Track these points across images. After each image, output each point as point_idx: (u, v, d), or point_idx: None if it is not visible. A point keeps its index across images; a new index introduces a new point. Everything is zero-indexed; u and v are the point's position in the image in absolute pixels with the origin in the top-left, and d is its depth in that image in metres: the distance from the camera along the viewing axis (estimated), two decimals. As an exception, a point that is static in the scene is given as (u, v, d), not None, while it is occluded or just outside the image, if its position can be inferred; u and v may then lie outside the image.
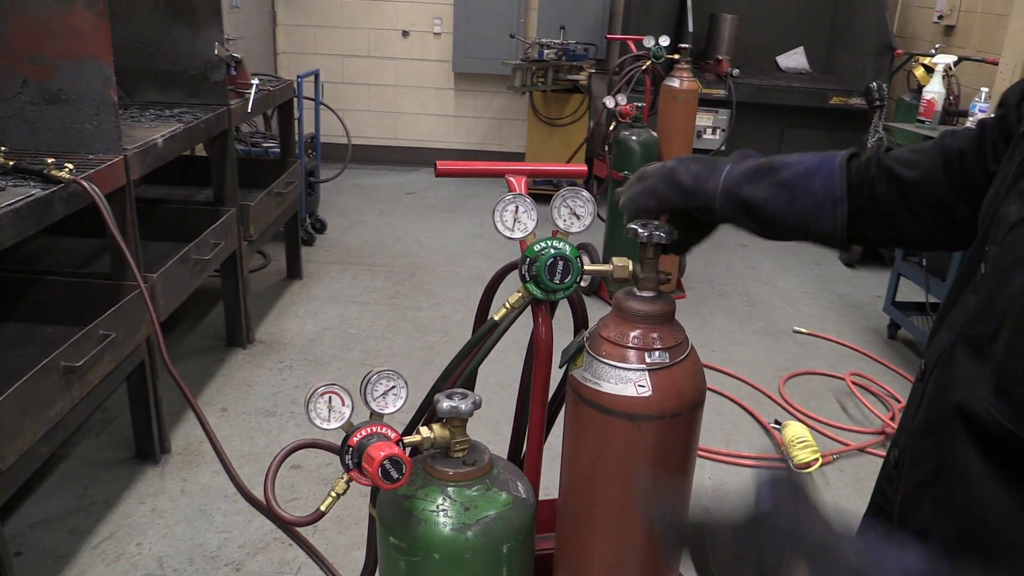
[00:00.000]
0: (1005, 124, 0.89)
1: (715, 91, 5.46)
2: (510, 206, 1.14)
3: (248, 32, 5.76)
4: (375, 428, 1.09)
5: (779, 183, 0.98)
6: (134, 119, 2.96)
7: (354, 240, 5.08)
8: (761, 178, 0.99)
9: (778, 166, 0.99)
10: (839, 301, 4.57)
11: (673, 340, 1.11)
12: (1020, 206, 0.69)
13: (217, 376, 3.35)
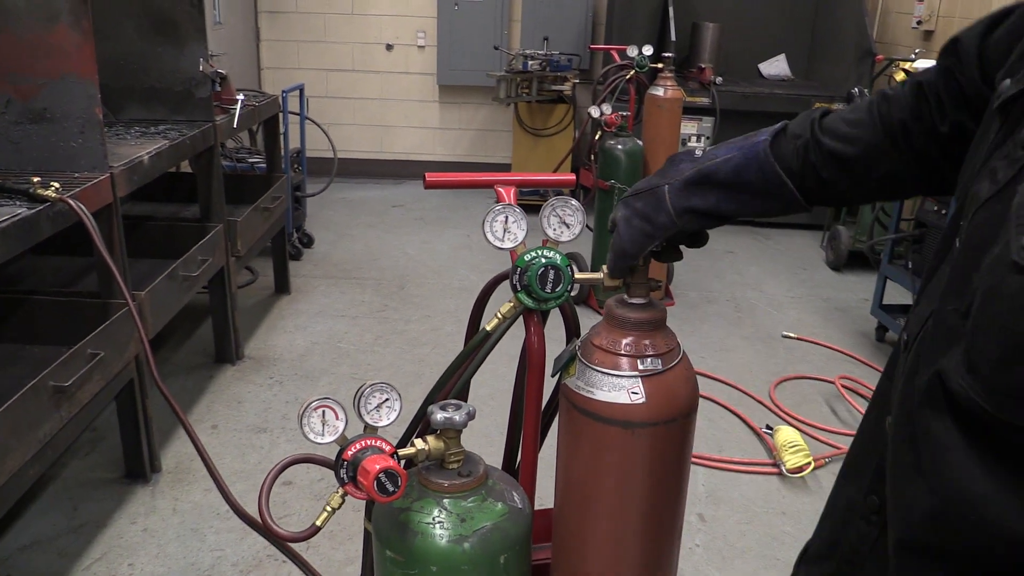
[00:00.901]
0: (953, 77, 0.90)
1: (699, 99, 5.50)
2: (500, 216, 1.14)
3: (232, 48, 5.76)
4: (369, 441, 1.09)
5: (717, 186, 1.01)
6: (119, 136, 2.95)
7: (342, 254, 5.07)
8: (700, 188, 1.01)
9: (709, 171, 1.01)
10: (826, 305, 4.59)
11: (665, 346, 1.12)
12: (990, 184, 0.70)
13: (207, 393, 3.34)
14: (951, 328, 0.68)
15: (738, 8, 6.26)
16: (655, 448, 1.13)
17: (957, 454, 0.65)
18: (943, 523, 0.67)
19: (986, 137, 0.78)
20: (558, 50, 5.92)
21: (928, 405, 0.69)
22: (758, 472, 2.97)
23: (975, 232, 0.70)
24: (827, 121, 0.99)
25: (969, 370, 0.64)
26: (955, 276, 0.72)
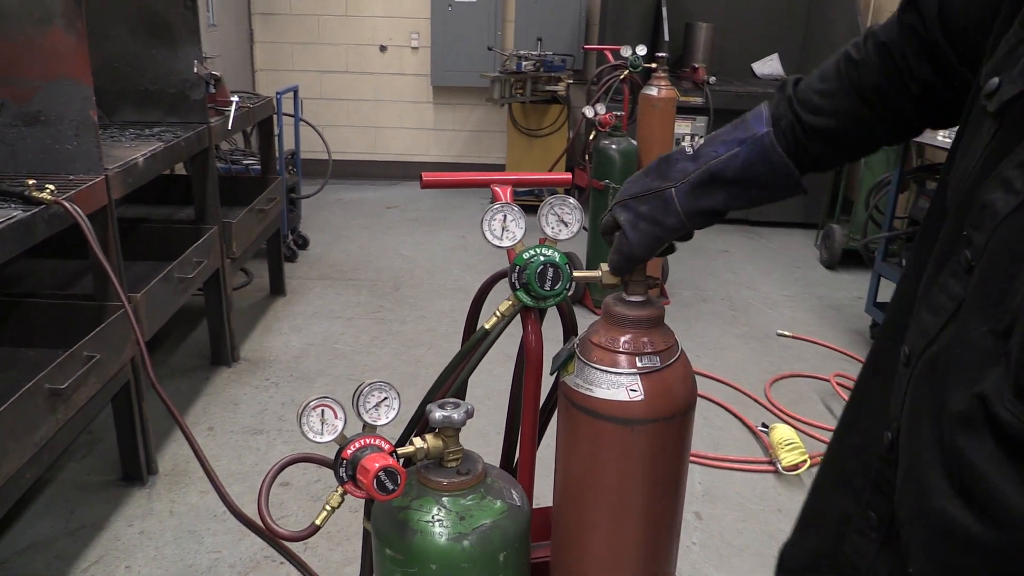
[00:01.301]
0: (916, 34, 0.91)
1: (692, 99, 5.51)
2: (498, 215, 1.15)
3: (226, 50, 5.75)
4: (369, 440, 1.10)
5: (727, 184, 1.02)
6: (114, 139, 2.95)
7: (337, 255, 5.07)
8: (709, 188, 1.02)
9: (716, 170, 1.01)
10: (820, 303, 4.61)
11: (663, 344, 1.12)
12: (1006, 194, 0.68)
13: (202, 395, 3.33)
14: (985, 350, 0.66)
15: (731, 8, 6.28)
16: (654, 445, 1.13)
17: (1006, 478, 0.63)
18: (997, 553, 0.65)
19: (978, 137, 0.76)
20: (552, 50, 5.92)
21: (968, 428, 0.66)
22: (754, 470, 2.98)
23: (1000, 248, 0.68)
24: (802, 95, 1.01)
25: (1018, 396, 0.61)
26: (980, 295, 0.69)
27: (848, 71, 0.98)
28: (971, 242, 0.71)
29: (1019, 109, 0.69)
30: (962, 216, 0.74)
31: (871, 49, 0.96)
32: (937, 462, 0.70)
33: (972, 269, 0.71)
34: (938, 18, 0.88)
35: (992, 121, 0.73)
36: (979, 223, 0.70)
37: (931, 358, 0.75)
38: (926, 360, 0.76)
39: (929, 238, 0.86)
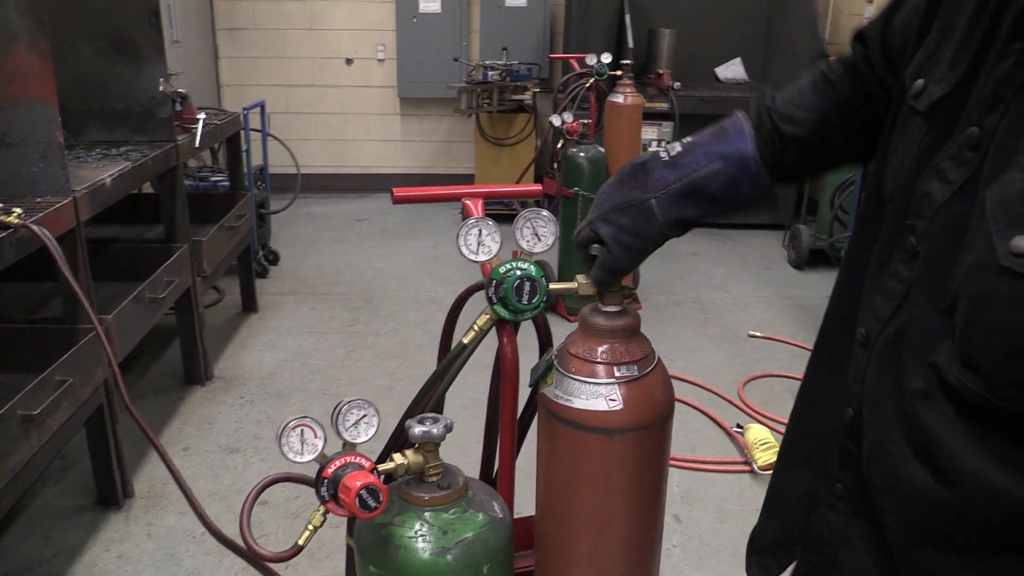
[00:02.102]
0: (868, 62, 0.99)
1: (658, 104, 5.56)
2: (474, 230, 1.16)
3: (190, 66, 5.71)
4: (349, 458, 1.10)
5: (709, 198, 1.05)
6: (80, 159, 2.92)
7: (308, 270, 5.05)
8: (691, 199, 1.05)
9: (699, 184, 1.05)
10: (791, 303, 4.67)
11: (640, 353, 1.14)
12: (941, 184, 0.74)
13: (177, 415, 3.30)
14: (934, 326, 0.72)
15: (693, 14, 6.35)
16: (634, 453, 1.15)
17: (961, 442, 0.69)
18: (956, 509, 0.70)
19: (908, 134, 0.82)
20: (517, 60, 5.95)
21: (926, 399, 0.72)
22: (730, 471, 3.01)
23: (938, 235, 0.74)
24: (780, 107, 1.06)
25: (965, 366, 0.67)
26: (925, 277, 0.75)
27: (824, 88, 1.04)
28: (915, 230, 0.77)
29: (946, 108, 0.77)
30: (904, 207, 0.80)
31: (842, 70, 1.04)
32: (901, 433, 0.75)
33: (917, 254, 0.77)
34: (881, 52, 0.97)
35: (922, 119, 0.80)
36: (920, 211, 0.77)
37: (888, 338, 0.81)
38: (883, 340, 0.81)
39: (867, 231, 0.92)
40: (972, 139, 0.71)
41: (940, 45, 0.80)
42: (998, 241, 0.63)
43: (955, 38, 0.77)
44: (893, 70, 0.96)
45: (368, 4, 6.43)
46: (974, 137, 0.71)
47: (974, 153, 0.71)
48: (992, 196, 0.65)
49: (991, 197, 0.65)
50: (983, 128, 0.70)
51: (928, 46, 0.82)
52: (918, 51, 0.84)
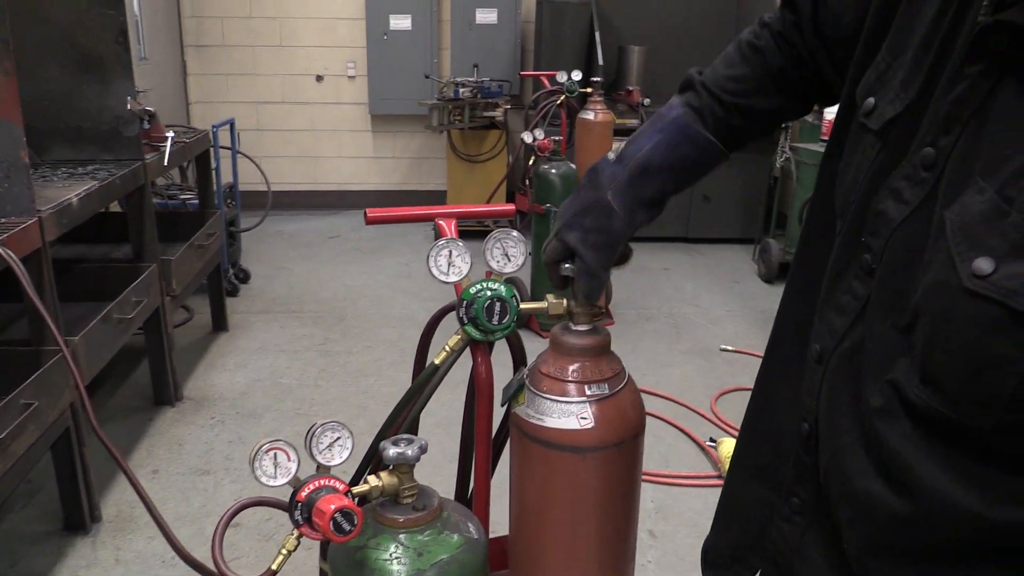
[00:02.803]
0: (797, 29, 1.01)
1: (628, 121, 5.60)
2: (444, 251, 1.16)
3: (159, 83, 5.67)
4: (323, 481, 1.09)
5: (657, 171, 1.07)
6: (45, 179, 2.89)
7: (279, 288, 5.01)
8: (642, 180, 1.07)
9: (645, 161, 1.07)
10: (761, 317, 4.71)
11: (611, 371, 1.15)
12: (896, 204, 0.76)
13: (146, 437, 3.26)
14: (892, 343, 0.73)
15: (662, 32, 6.42)
16: (606, 471, 1.15)
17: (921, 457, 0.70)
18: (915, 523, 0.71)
19: (860, 152, 0.84)
20: (488, 76, 5.98)
21: (886, 414, 0.73)
22: (705, 485, 3.03)
23: (895, 254, 0.75)
24: (713, 82, 1.09)
25: (924, 382, 0.68)
26: (882, 295, 0.76)
27: (753, 57, 1.07)
28: (870, 247, 0.78)
29: (899, 128, 0.78)
30: (857, 224, 0.81)
31: (769, 37, 1.06)
32: (858, 448, 0.76)
33: (873, 271, 0.78)
34: (811, 22, 0.99)
35: (874, 137, 0.81)
36: (876, 230, 0.78)
37: (843, 354, 0.82)
38: (839, 356, 0.82)
39: (816, 242, 0.94)
40: (927, 159, 0.73)
41: (891, 64, 0.81)
42: (960, 263, 0.64)
43: (907, 58, 0.79)
44: (824, 44, 0.98)
45: (338, 21, 6.43)
46: (929, 157, 0.73)
47: (929, 173, 0.72)
48: (952, 218, 0.66)
49: (951, 219, 0.66)
50: (938, 149, 0.72)
51: (878, 65, 0.83)
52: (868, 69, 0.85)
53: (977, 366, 0.64)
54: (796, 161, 5.04)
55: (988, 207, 0.63)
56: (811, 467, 0.88)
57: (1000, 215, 0.62)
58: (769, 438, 1.01)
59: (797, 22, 1.01)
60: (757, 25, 1.08)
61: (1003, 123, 0.65)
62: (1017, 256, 0.61)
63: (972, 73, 0.69)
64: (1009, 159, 0.63)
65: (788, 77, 1.05)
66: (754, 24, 1.09)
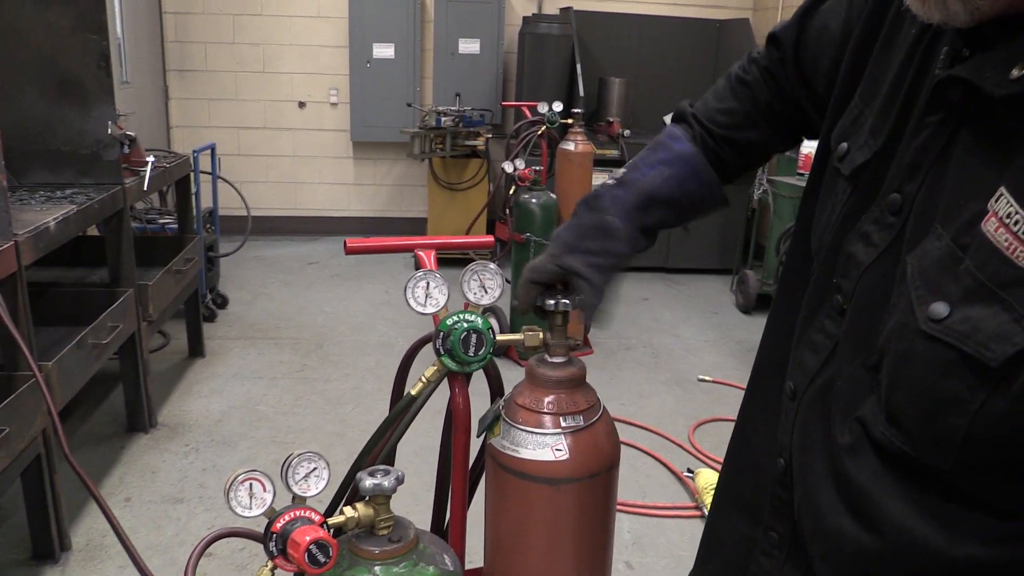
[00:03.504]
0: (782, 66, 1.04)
1: (608, 152, 5.67)
2: (421, 283, 1.17)
3: (140, 107, 5.67)
4: (298, 512, 1.09)
5: (662, 203, 1.09)
6: (23, 202, 2.87)
7: (257, 314, 4.99)
8: (648, 209, 1.09)
9: (651, 192, 1.08)
10: (739, 348, 4.74)
11: (586, 403, 1.16)
12: (865, 247, 0.78)
13: (119, 464, 3.22)
14: (861, 381, 0.75)
15: (642, 64, 6.52)
16: (581, 502, 1.15)
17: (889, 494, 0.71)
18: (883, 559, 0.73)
19: (833, 195, 0.86)
20: (470, 106, 6.03)
21: (855, 452, 0.74)
22: (682, 516, 3.03)
23: (864, 294, 0.78)
24: (704, 114, 1.11)
25: (889, 421, 0.70)
26: (852, 335, 0.79)
27: (742, 92, 1.09)
28: (840, 288, 0.81)
29: (869, 173, 0.81)
30: (829, 265, 0.84)
31: (757, 73, 1.08)
32: (829, 485, 0.78)
33: (844, 312, 0.81)
34: (794, 61, 1.02)
35: (846, 182, 0.84)
36: (846, 271, 0.80)
37: (816, 391, 0.84)
38: (811, 394, 0.84)
39: (793, 280, 0.96)
40: (894, 205, 0.75)
41: (863, 111, 0.84)
42: (918, 306, 0.66)
43: (875, 106, 0.82)
44: (804, 84, 1.01)
45: (322, 48, 6.47)
46: (895, 203, 0.75)
47: (896, 218, 0.75)
48: (913, 262, 0.68)
49: (912, 263, 0.68)
50: (904, 195, 0.74)
51: (852, 111, 0.86)
52: (842, 115, 0.88)
53: (933, 407, 0.66)
54: (773, 193, 5.11)
55: (944, 253, 0.66)
56: (787, 502, 0.90)
57: (955, 261, 0.64)
58: (749, 473, 1.02)
59: (782, 59, 1.04)
60: (746, 60, 1.11)
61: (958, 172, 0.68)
62: (970, 301, 0.63)
63: (932, 123, 0.71)
64: (963, 207, 0.65)
65: (775, 111, 1.08)
66: (743, 59, 1.12)
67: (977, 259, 0.63)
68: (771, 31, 1.06)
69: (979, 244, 0.63)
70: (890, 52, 0.83)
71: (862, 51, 0.87)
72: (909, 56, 0.79)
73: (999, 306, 0.61)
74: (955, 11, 0.65)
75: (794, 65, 1.02)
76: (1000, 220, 0.61)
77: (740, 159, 1.12)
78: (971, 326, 0.62)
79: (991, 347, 0.61)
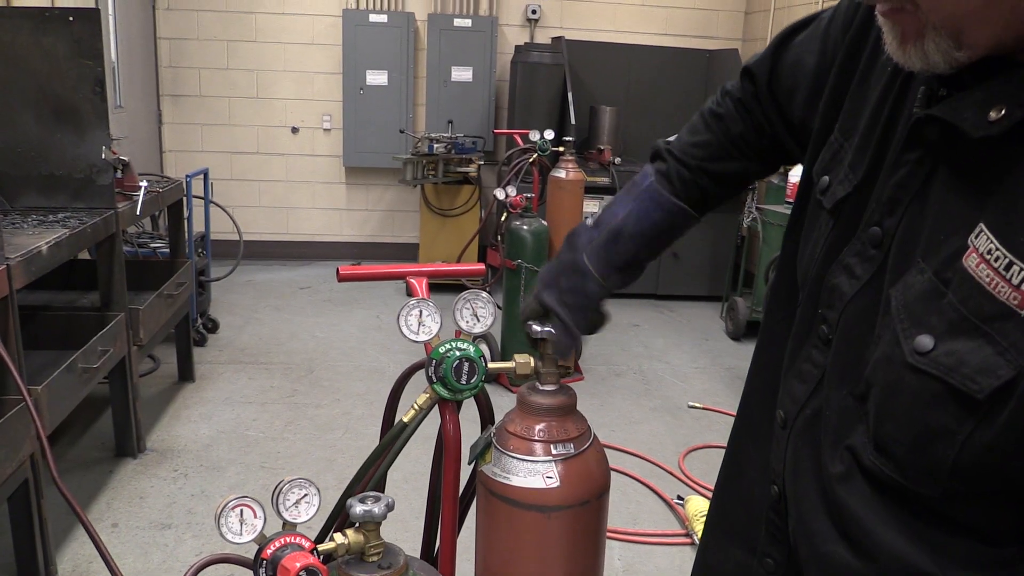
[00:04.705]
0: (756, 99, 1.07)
1: (599, 179, 5.71)
2: (414, 311, 1.18)
3: (133, 131, 5.69)
4: (289, 539, 1.09)
5: (630, 237, 1.12)
6: (15, 225, 2.87)
7: (248, 338, 4.98)
8: (615, 245, 1.12)
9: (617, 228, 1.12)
10: (729, 374, 4.76)
11: (577, 431, 1.17)
12: (849, 279, 0.80)
13: (106, 489, 3.20)
14: (849, 410, 0.77)
15: (633, 93, 6.59)
16: (571, 530, 1.16)
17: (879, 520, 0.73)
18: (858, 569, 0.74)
19: (817, 227, 0.89)
20: (463, 132, 6.08)
21: (846, 479, 0.76)
22: (672, 543, 3.02)
23: (848, 326, 0.79)
24: (679, 148, 1.14)
25: (877, 449, 0.72)
26: (838, 365, 0.80)
27: (715, 124, 1.13)
28: (826, 319, 0.83)
29: (850, 206, 0.83)
30: (814, 296, 0.86)
31: (730, 106, 1.11)
32: (822, 512, 0.80)
33: (830, 342, 0.82)
34: (768, 94, 1.05)
35: (828, 215, 0.86)
36: (831, 303, 0.82)
37: (805, 420, 0.85)
38: (801, 423, 0.86)
39: (780, 309, 0.99)
40: (875, 238, 0.77)
41: (843, 145, 0.86)
42: (904, 339, 0.68)
43: (854, 141, 0.84)
44: (780, 115, 1.04)
45: (316, 75, 6.52)
46: (876, 236, 0.77)
47: (877, 251, 0.77)
48: (896, 296, 0.70)
49: (895, 297, 0.70)
50: (884, 229, 0.76)
51: (832, 144, 0.88)
52: (823, 148, 0.90)
53: (921, 437, 0.67)
54: (762, 221, 5.15)
55: (928, 287, 0.67)
56: (782, 528, 0.91)
57: (938, 295, 0.66)
58: (742, 500, 1.04)
59: (756, 92, 1.07)
60: (719, 94, 1.14)
61: (938, 208, 0.70)
62: (954, 335, 0.64)
63: (910, 160, 0.73)
64: (944, 243, 0.67)
65: (748, 142, 1.10)
66: (716, 93, 1.15)
67: (960, 294, 0.64)
68: (745, 65, 1.09)
69: (961, 279, 0.65)
70: (867, 86, 0.85)
71: (841, 85, 0.90)
72: (886, 92, 0.81)
73: (983, 339, 0.62)
74: (935, 61, 0.67)
75: (769, 97, 1.05)
76: (981, 256, 0.63)
77: (718, 188, 1.15)
78: (956, 359, 0.64)
79: (977, 380, 0.62)
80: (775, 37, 1.05)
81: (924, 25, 0.66)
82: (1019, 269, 0.60)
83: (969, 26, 0.64)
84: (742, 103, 1.10)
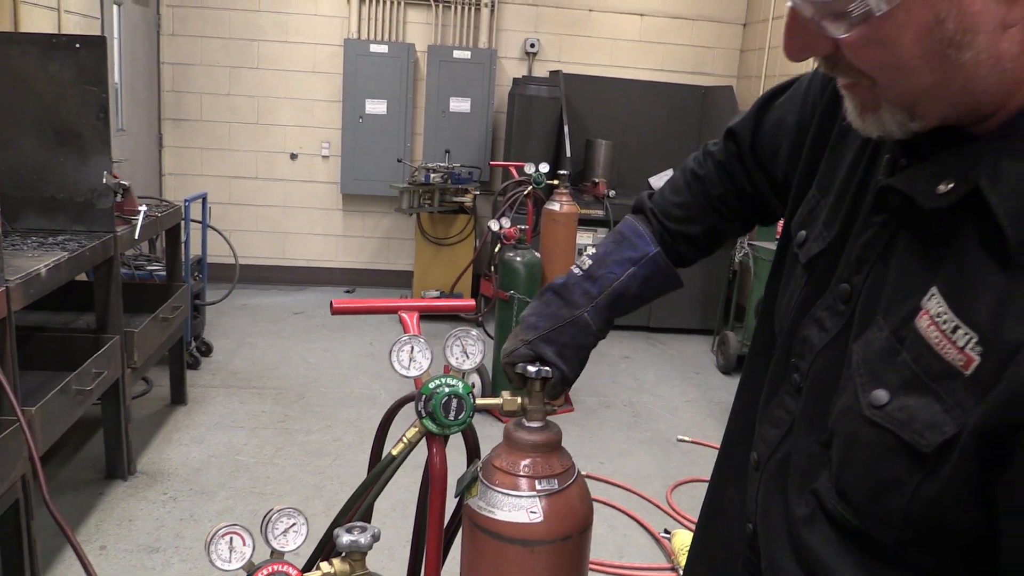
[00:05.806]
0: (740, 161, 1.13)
1: (593, 211, 5.78)
2: (406, 347, 1.22)
3: (134, 154, 5.75)
4: (276, 567, 1.12)
5: (631, 298, 1.19)
6: (15, 247, 2.91)
7: (241, 362, 5.00)
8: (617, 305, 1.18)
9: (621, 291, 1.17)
10: (719, 408, 4.78)
11: (561, 467, 1.20)
12: (819, 331, 0.84)
13: (95, 511, 3.20)
14: (815, 456, 0.81)
15: (628, 127, 6.68)
16: (554, 564, 1.19)
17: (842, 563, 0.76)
18: None
19: (793, 280, 0.93)
20: (459, 163, 6.14)
21: (810, 523, 0.80)
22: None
23: (817, 376, 0.84)
24: (660, 208, 1.20)
25: (839, 495, 0.75)
26: (807, 412, 0.85)
27: (695, 186, 1.18)
28: (798, 368, 0.87)
29: (823, 262, 0.88)
30: (788, 345, 0.91)
31: (711, 167, 1.17)
32: (789, 553, 0.83)
33: (801, 390, 0.87)
34: (751, 153, 1.10)
35: (803, 270, 0.91)
36: (802, 353, 0.87)
37: (776, 464, 0.89)
38: (772, 466, 0.90)
39: (759, 355, 1.03)
40: (843, 294, 0.82)
41: (819, 202, 0.92)
42: (861, 393, 0.72)
43: (829, 200, 0.89)
44: (764, 173, 1.10)
45: (315, 103, 6.60)
46: (845, 293, 0.82)
47: (846, 306, 0.81)
48: (857, 351, 0.74)
49: (856, 351, 0.75)
50: (852, 285, 0.81)
51: (809, 201, 0.93)
52: (801, 204, 0.95)
53: (877, 487, 0.71)
54: (754, 257, 5.21)
55: (885, 345, 0.72)
56: (758, 565, 0.94)
57: (894, 353, 0.70)
58: (722, 536, 1.07)
59: (739, 153, 1.12)
60: (702, 153, 1.19)
61: (898, 269, 0.74)
62: (907, 391, 0.69)
63: (876, 222, 0.78)
64: (901, 303, 0.72)
65: (726, 204, 1.16)
66: (699, 152, 1.20)
67: (913, 352, 0.69)
68: (728, 126, 1.15)
69: (914, 338, 0.69)
70: (842, 147, 0.90)
71: (818, 144, 0.95)
72: (859, 154, 0.86)
73: (932, 397, 0.67)
74: (891, 130, 0.72)
75: (751, 156, 1.10)
76: (931, 318, 0.67)
77: (694, 250, 1.22)
78: (908, 414, 0.68)
79: (924, 435, 0.67)
80: (757, 100, 1.10)
81: (880, 99, 0.71)
82: (964, 333, 0.64)
83: (921, 102, 0.69)
84: (723, 165, 1.16)
